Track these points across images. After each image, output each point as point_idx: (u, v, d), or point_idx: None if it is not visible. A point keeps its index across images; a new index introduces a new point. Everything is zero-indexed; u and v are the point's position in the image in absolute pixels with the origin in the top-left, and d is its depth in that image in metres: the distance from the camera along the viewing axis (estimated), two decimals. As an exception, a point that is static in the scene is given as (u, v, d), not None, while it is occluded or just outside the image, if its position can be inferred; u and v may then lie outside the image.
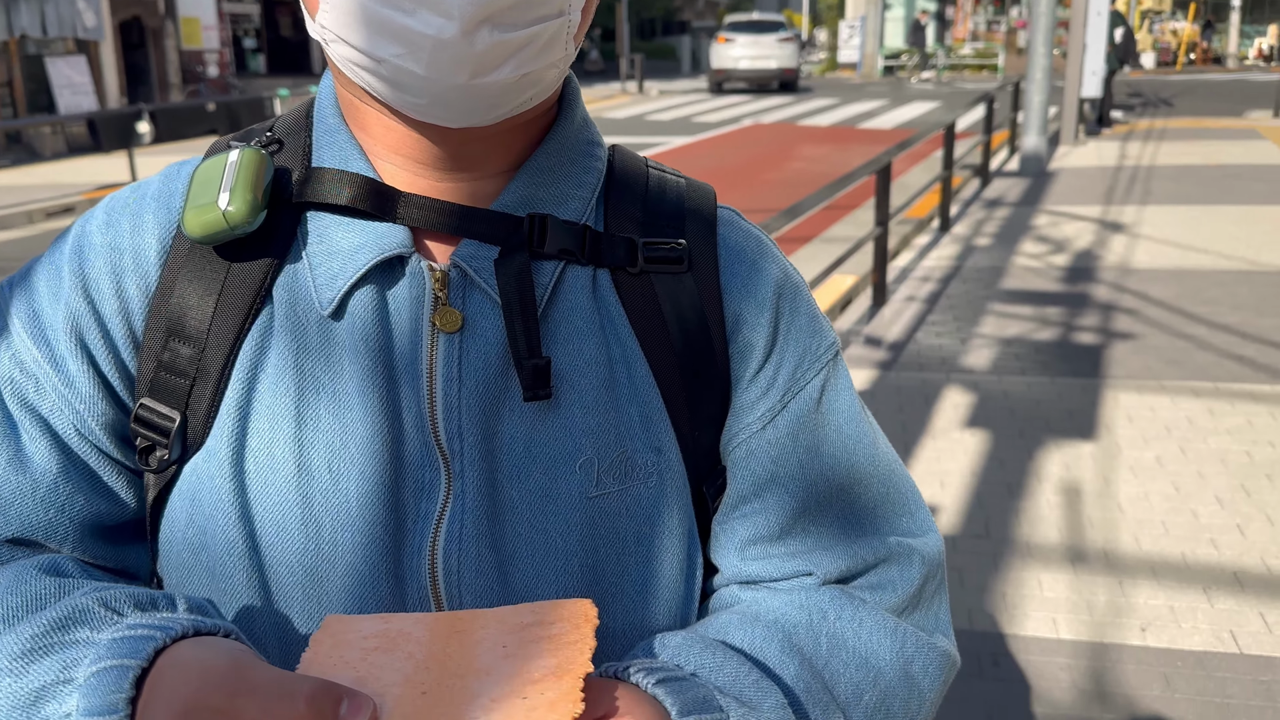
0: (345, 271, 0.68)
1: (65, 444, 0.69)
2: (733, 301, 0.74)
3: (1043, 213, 8.72)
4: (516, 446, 0.69)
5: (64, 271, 0.71)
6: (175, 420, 0.68)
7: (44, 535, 0.69)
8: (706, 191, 0.78)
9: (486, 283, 0.69)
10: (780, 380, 0.75)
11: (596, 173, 0.74)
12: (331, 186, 0.69)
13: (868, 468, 0.77)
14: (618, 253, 0.72)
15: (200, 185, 0.68)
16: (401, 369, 0.68)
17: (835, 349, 0.78)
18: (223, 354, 0.68)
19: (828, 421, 0.76)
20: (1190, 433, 4.22)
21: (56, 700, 0.58)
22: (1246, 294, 6.11)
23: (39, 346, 0.69)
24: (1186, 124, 15.13)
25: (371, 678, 0.57)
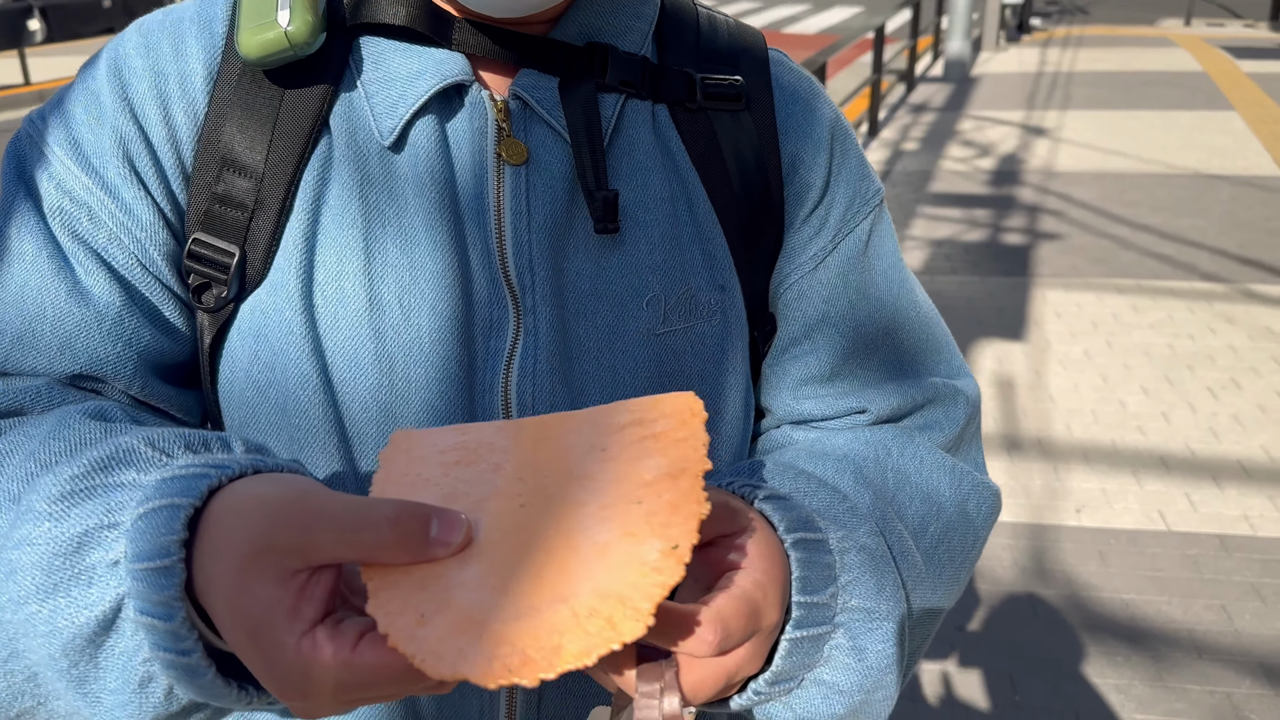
0: (405, 99, 0.65)
1: (125, 277, 0.65)
2: (789, 142, 0.73)
3: (968, 117, 8.80)
4: (583, 283, 0.68)
5: (103, 96, 0.65)
6: (234, 255, 0.65)
7: (112, 370, 0.65)
8: (756, 32, 0.77)
9: (550, 114, 0.67)
10: (832, 221, 0.74)
11: (653, 4, 0.73)
12: (387, 7, 0.66)
13: (911, 311, 0.77)
14: (676, 87, 0.71)
15: (253, 5, 0.64)
16: (466, 203, 0.66)
17: (881, 195, 0.78)
18: (283, 185, 0.65)
19: (874, 265, 0.76)
20: (1116, 327, 4.35)
21: (101, 546, 0.52)
22: (1165, 196, 6.28)
23: (88, 174, 0.64)
24: (1102, 31, 15.33)
25: (458, 494, 0.50)
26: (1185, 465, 3.28)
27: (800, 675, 0.61)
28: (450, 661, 0.44)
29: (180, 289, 0.67)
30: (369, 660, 0.46)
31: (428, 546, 0.46)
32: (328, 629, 0.47)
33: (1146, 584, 2.73)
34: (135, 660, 0.51)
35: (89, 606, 0.51)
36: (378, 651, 0.46)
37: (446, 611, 0.45)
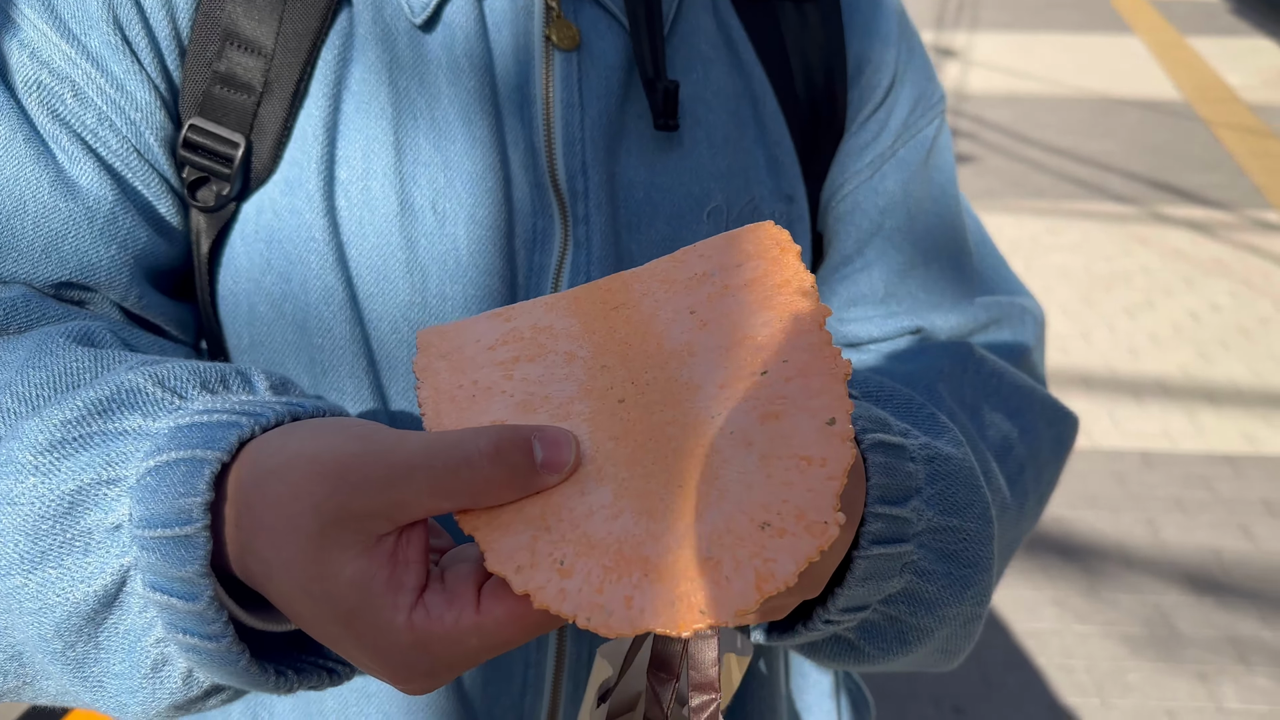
0: None
1: (115, 166, 0.55)
2: (856, 38, 0.66)
3: (878, 39, 8.79)
4: (636, 193, 0.59)
5: None
6: (240, 145, 0.55)
7: (105, 277, 0.55)
8: None
9: None
10: (893, 124, 0.68)
11: None
12: None
13: (970, 226, 0.72)
14: None
15: None
16: (507, 93, 0.57)
17: (944, 99, 0.72)
18: (297, 65, 0.55)
19: (933, 177, 0.70)
20: (1034, 249, 4.42)
21: (99, 506, 0.42)
22: (1074, 119, 6.37)
23: (68, 41, 0.53)
24: (1004, -45, 15.44)
25: (536, 399, 0.41)
26: (1107, 384, 3.36)
27: (873, 601, 0.53)
28: (624, 615, 0.36)
29: (176, 181, 0.57)
30: (499, 616, 0.38)
31: (537, 476, 0.38)
32: (438, 593, 0.39)
33: (1078, 500, 2.80)
34: (145, 641, 0.42)
35: (86, 579, 0.42)
36: (507, 605, 0.38)
37: (591, 552, 0.37)
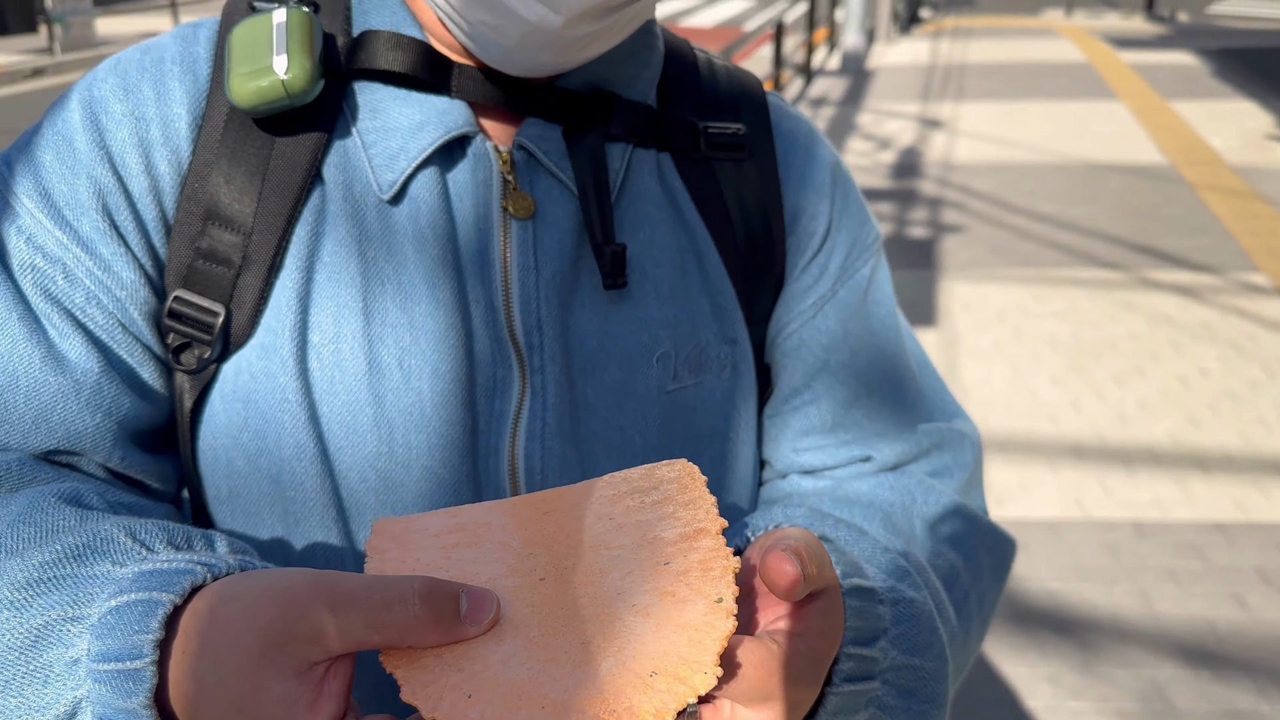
0: (408, 151, 0.61)
1: (102, 340, 0.60)
2: (792, 191, 0.71)
3: (866, 111, 8.95)
4: (589, 341, 0.64)
5: (78, 143, 0.60)
6: (219, 314, 0.60)
7: (90, 444, 0.59)
8: (753, 77, 0.75)
9: (556, 166, 0.64)
10: (832, 267, 0.72)
11: (658, 54, 0.70)
12: (385, 52, 0.62)
13: (908, 357, 0.76)
14: (681, 137, 0.68)
15: (244, 49, 0.59)
16: (468, 259, 0.62)
17: (879, 240, 0.77)
18: (273, 240, 0.60)
19: (873, 312, 0.74)
20: (1021, 318, 4.46)
21: (61, 642, 0.46)
22: (1058, 185, 6.48)
23: (60, 228, 0.59)
24: (989, 23, 15.78)
25: (468, 575, 0.48)
26: (1098, 453, 3.37)
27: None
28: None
29: (159, 348, 0.62)
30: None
31: (459, 625, 0.44)
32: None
33: (1069, 572, 2.80)
34: None
35: (41, 709, 0.46)
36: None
37: (495, 688, 0.44)
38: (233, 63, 0.59)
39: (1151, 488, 3.17)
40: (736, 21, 16.28)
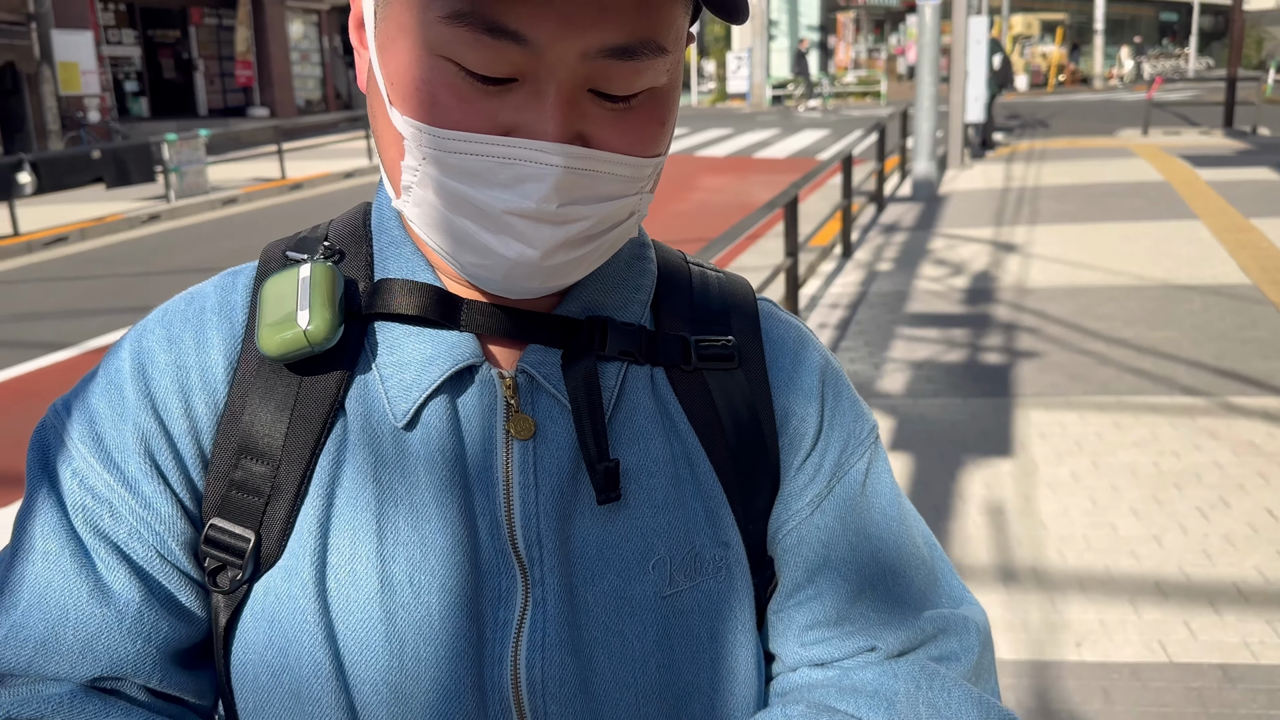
0: (420, 383, 0.68)
1: (144, 569, 0.67)
2: (781, 395, 0.76)
3: (938, 236, 9.01)
4: (589, 550, 0.69)
5: (127, 390, 0.68)
6: (250, 540, 0.67)
7: (131, 669, 0.66)
8: (744, 285, 0.81)
9: (555, 388, 0.70)
10: (826, 465, 0.76)
11: (651, 275, 0.76)
12: (401, 297, 0.69)
13: (910, 545, 0.79)
14: (672, 351, 0.74)
15: (273, 302, 0.67)
16: (475, 477, 0.68)
17: (875, 432, 0.80)
18: (299, 470, 0.67)
19: (872, 504, 0.77)
20: (1100, 446, 4.39)
21: None
22: (1137, 308, 6.41)
23: (109, 470, 0.67)
24: (1064, 144, 15.83)
25: None
26: (1181, 591, 3.27)
27: None
28: None
29: (196, 573, 0.69)
30: None
31: None
32: None
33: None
34: None
35: None
36: None
37: None
38: (262, 315, 0.67)
39: (1240, 629, 3.05)
40: (811, 151, 16.64)
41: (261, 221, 11.76)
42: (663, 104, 0.64)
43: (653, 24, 0.60)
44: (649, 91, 0.63)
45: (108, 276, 9.02)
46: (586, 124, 0.61)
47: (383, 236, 0.73)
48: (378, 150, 0.67)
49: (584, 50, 0.58)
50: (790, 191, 6.00)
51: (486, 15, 0.57)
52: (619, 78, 0.60)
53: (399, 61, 0.61)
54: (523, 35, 0.57)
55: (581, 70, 0.59)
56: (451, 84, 0.60)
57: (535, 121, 0.60)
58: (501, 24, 0.57)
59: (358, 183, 14.95)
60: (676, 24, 0.62)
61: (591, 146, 0.61)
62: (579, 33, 0.58)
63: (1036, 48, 36.14)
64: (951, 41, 12.80)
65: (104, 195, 12.98)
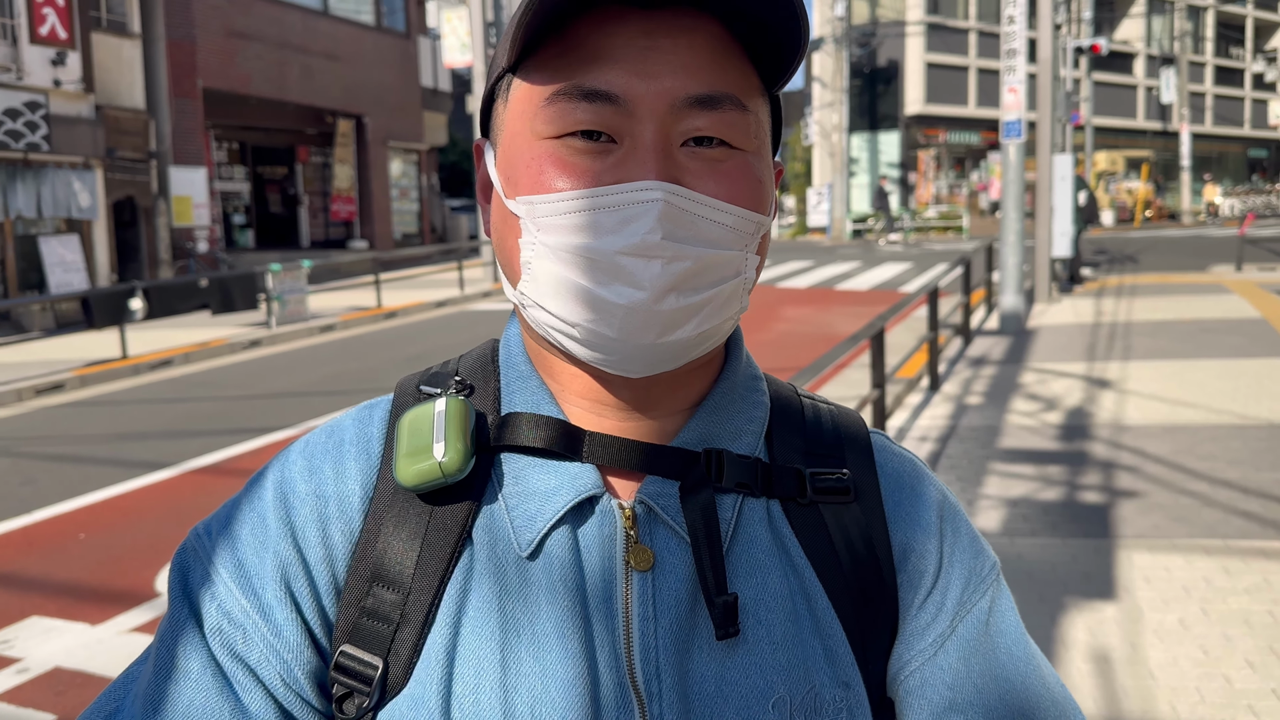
0: (544, 513, 0.70)
1: (273, 694, 0.69)
2: (899, 530, 0.76)
3: (1029, 370, 8.88)
4: (708, 686, 0.69)
5: (269, 519, 0.71)
6: (378, 667, 0.68)
7: None
8: (856, 418, 0.81)
9: (673, 519, 0.70)
10: (949, 604, 0.75)
11: (764, 407, 0.77)
12: (527, 431, 0.72)
13: (1040, 685, 0.76)
14: (788, 484, 0.74)
15: (410, 434, 0.70)
16: (595, 608, 0.69)
17: (997, 568, 0.79)
18: (428, 598, 0.69)
19: (997, 643, 0.76)
20: (1209, 593, 4.19)
21: None
22: (1241, 448, 6.18)
23: (247, 597, 0.69)
24: (1154, 280, 15.62)
25: None
26: (1308, 751, 3.06)
27: None
28: None
29: (319, 703, 0.70)
30: None
31: None
32: None
33: None
34: None
35: None
36: None
37: None
38: (399, 447, 0.70)
39: (1376, 796, 2.83)
40: (893, 284, 16.67)
41: (357, 347, 12.14)
42: (754, 168, 0.69)
43: (729, 82, 0.67)
44: (739, 154, 0.68)
45: (209, 399, 9.36)
46: (684, 175, 0.66)
47: (510, 371, 0.76)
48: (501, 259, 0.72)
49: (671, 102, 0.65)
50: (877, 324, 6.00)
51: (581, 84, 0.65)
52: (706, 125, 0.66)
53: (515, 160, 0.69)
54: (614, 94, 0.65)
55: (672, 122, 0.65)
56: (558, 157, 0.66)
57: (635, 170, 0.65)
58: (595, 88, 0.65)
59: (449, 311, 15.39)
60: (753, 98, 0.69)
61: None
62: (664, 86, 0.65)
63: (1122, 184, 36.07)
64: (1036, 178, 12.88)
65: (209, 321, 13.60)
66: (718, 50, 0.67)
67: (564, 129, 0.65)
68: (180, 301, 12.52)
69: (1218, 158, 45.66)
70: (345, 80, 21.98)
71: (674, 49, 0.65)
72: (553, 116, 0.66)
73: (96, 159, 15.28)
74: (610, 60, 0.65)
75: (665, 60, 0.65)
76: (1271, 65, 46.42)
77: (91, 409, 9.15)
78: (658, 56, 0.65)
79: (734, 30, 0.67)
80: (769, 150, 0.72)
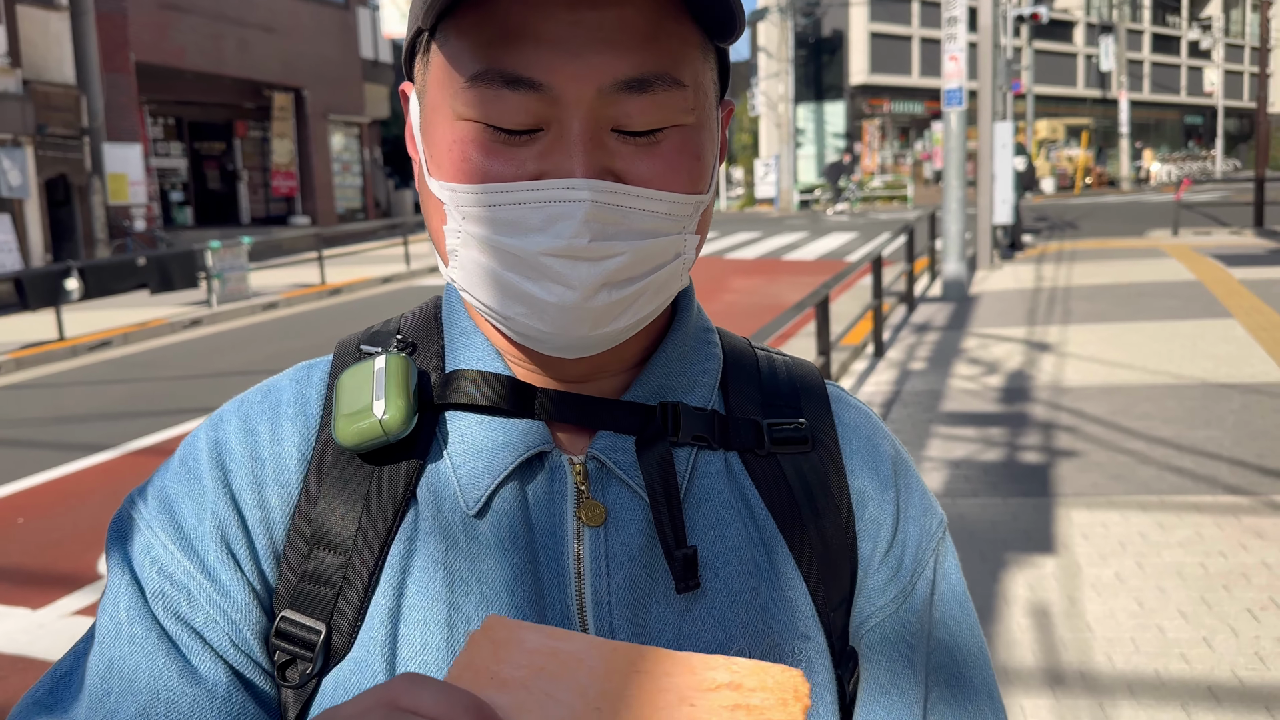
0: (492, 470, 0.68)
1: (224, 655, 0.67)
2: (856, 479, 0.75)
3: (971, 335, 9.01)
4: (665, 640, 0.68)
5: (205, 480, 0.69)
6: (320, 632, 0.66)
7: None
8: (811, 368, 0.80)
9: (627, 474, 0.69)
10: (907, 561, 0.75)
11: (717, 359, 0.76)
12: (472, 388, 0.70)
13: (981, 640, 0.78)
14: (745, 435, 0.73)
15: (349, 393, 0.68)
16: (545, 565, 0.68)
17: (944, 525, 0.79)
18: (371, 559, 0.67)
19: (949, 600, 0.77)
20: (1144, 547, 4.31)
21: None
22: (1175, 407, 6.34)
23: (189, 558, 0.67)
24: (1093, 245, 15.89)
25: (532, 704, 0.48)
26: (1235, 696, 3.17)
27: None
28: None
29: (268, 664, 0.68)
30: None
31: None
32: None
33: (1214, 833, 2.59)
34: None
35: None
36: None
37: None
38: (338, 406, 0.68)
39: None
40: (839, 254, 16.79)
41: (300, 325, 11.97)
42: (693, 141, 0.64)
43: (663, 57, 0.62)
44: (676, 129, 0.64)
45: (149, 380, 9.19)
46: (615, 162, 0.62)
47: (453, 328, 0.74)
48: (430, 235, 0.69)
49: (599, 87, 0.60)
50: (821, 291, 6.06)
51: (502, 69, 0.60)
52: (638, 112, 0.61)
53: (435, 137, 0.65)
54: (538, 82, 0.60)
55: (600, 108, 0.61)
56: (479, 141, 0.62)
57: (562, 163, 0.61)
58: (517, 74, 0.60)
59: (395, 287, 15.23)
60: (692, 64, 0.64)
61: (624, 183, 0.62)
62: (592, 71, 0.60)
63: (1062, 151, 36.58)
64: (978, 146, 13.02)
65: (148, 301, 13.31)
66: (650, 16, 0.61)
67: (486, 118, 0.62)
68: (117, 281, 12.23)
69: (1155, 124, 46.47)
70: (283, 53, 21.54)
71: (601, 23, 0.60)
72: (473, 101, 0.62)
73: (26, 136, 14.86)
74: (533, 38, 0.60)
75: (592, 37, 0.60)
76: (1206, 33, 47.27)
77: (29, 392, 8.94)
78: (584, 33, 0.60)
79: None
80: (712, 112, 0.67)
